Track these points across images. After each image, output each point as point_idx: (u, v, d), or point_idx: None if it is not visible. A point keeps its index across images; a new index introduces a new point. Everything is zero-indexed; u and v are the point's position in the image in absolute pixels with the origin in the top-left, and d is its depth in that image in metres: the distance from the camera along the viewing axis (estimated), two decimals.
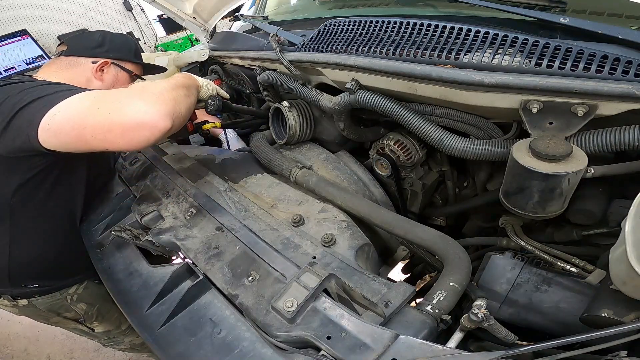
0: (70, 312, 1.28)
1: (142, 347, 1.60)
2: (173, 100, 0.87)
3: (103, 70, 1.17)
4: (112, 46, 1.19)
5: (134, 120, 0.79)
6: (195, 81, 1.09)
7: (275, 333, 0.65)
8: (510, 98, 0.71)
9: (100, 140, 0.80)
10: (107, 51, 1.18)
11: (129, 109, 0.80)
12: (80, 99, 0.83)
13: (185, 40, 5.10)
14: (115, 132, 0.79)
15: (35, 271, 1.14)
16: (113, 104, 0.81)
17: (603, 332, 0.50)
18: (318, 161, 1.14)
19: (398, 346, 0.55)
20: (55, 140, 0.83)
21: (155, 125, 0.80)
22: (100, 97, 0.83)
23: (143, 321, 0.81)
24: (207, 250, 0.85)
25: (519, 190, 0.68)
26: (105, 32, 1.21)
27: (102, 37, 1.19)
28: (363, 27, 0.97)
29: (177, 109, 0.87)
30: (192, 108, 1.01)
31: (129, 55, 1.24)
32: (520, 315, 0.80)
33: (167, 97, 0.86)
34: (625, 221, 0.49)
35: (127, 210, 1.11)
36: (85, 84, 1.12)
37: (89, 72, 1.15)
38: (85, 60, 1.15)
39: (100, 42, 1.17)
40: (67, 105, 0.82)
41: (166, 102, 0.84)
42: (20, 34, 3.99)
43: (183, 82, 1.00)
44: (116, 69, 1.21)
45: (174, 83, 0.95)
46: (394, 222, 0.86)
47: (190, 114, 0.99)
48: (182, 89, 0.96)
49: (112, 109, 0.80)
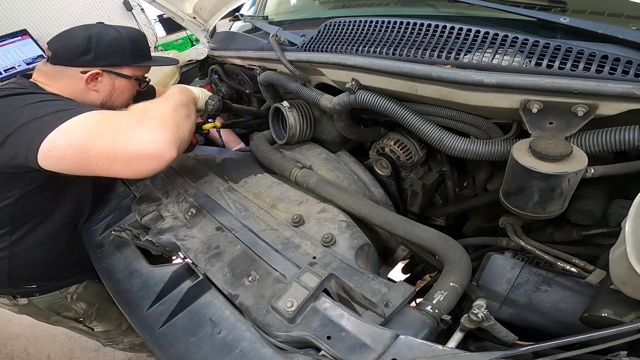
0: (70, 311, 1.28)
1: (142, 347, 1.60)
2: (176, 125, 0.85)
3: (97, 79, 1.02)
4: (99, 52, 0.99)
5: (139, 151, 0.77)
6: (191, 94, 1.06)
7: (275, 333, 0.65)
8: (510, 98, 0.71)
9: (106, 169, 0.79)
10: (95, 59, 0.99)
11: (134, 138, 0.77)
12: (80, 124, 0.79)
13: (185, 40, 5.10)
14: (121, 162, 0.77)
15: (34, 273, 1.14)
16: (116, 132, 0.78)
17: (603, 332, 0.50)
18: (318, 161, 1.14)
19: (398, 346, 0.55)
20: (57, 166, 0.80)
21: (161, 155, 0.79)
22: (101, 122, 0.80)
23: (143, 321, 0.81)
24: (207, 250, 0.86)
25: (519, 190, 0.68)
26: (91, 32, 0.99)
27: (87, 40, 0.98)
28: (363, 27, 0.97)
29: (180, 135, 0.85)
30: (193, 128, 0.98)
31: (123, 59, 1.04)
32: (520, 315, 0.80)
33: (170, 123, 0.84)
34: (625, 221, 0.49)
35: (127, 210, 1.12)
36: (81, 95, 1.02)
37: (81, 83, 1.00)
38: (74, 70, 0.99)
39: (85, 47, 0.97)
40: (67, 130, 0.78)
41: (170, 128, 0.82)
42: (20, 34, 3.99)
43: (182, 100, 0.97)
44: (110, 77, 1.04)
45: (174, 103, 0.93)
46: (394, 222, 0.86)
47: (192, 134, 0.96)
48: (183, 109, 0.94)
49: (115, 136, 0.77)
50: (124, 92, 1.09)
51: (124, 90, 1.09)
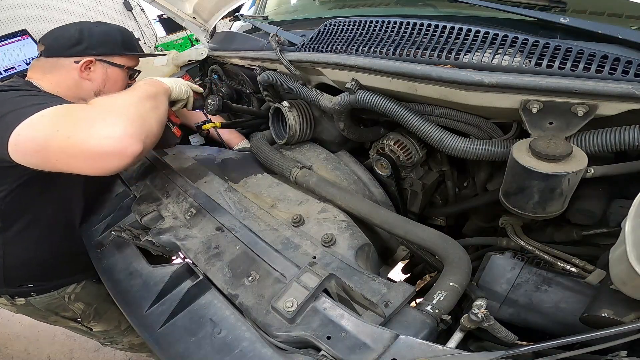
0: (68, 311, 1.28)
1: (142, 347, 1.60)
2: (140, 117, 0.79)
3: (90, 68, 1.05)
4: (91, 42, 1.05)
5: (97, 148, 0.71)
6: (161, 86, 1.01)
7: (275, 333, 0.65)
8: (510, 98, 0.71)
9: (66, 165, 0.74)
10: (87, 48, 1.04)
11: (92, 133, 0.72)
12: (42, 117, 0.75)
13: (185, 40, 5.10)
14: (79, 159, 0.73)
15: (29, 272, 1.14)
16: (73, 127, 0.73)
17: (603, 332, 0.50)
18: (318, 161, 1.14)
19: (398, 346, 0.55)
20: (24, 161, 0.77)
21: (122, 151, 0.73)
22: (59, 117, 0.76)
23: (143, 321, 0.81)
24: (207, 250, 0.85)
25: (519, 190, 0.68)
26: (82, 26, 1.06)
27: (79, 32, 1.04)
28: (363, 27, 0.97)
29: (146, 127, 0.80)
30: (163, 120, 0.93)
31: (114, 49, 1.09)
32: (520, 315, 0.80)
33: (133, 116, 0.78)
34: (625, 221, 0.49)
35: (127, 210, 1.11)
36: (75, 88, 1.05)
37: (75, 74, 1.04)
38: (67, 60, 1.03)
39: (78, 38, 1.03)
40: (29, 124, 0.74)
41: (133, 121, 0.76)
42: (20, 34, 3.99)
43: (149, 92, 0.92)
44: (103, 66, 1.08)
45: (139, 95, 0.87)
46: (394, 222, 0.86)
47: (162, 126, 0.91)
48: (149, 101, 0.88)
49: (71, 132, 0.72)
50: (117, 81, 1.12)
51: (117, 80, 1.12)
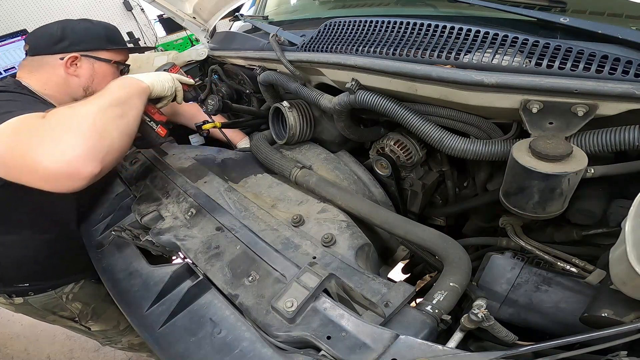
0: (66, 310, 1.28)
1: (141, 347, 1.60)
2: (98, 133, 0.74)
3: (76, 64, 1.06)
4: (74, 38, 1.06)
5: (49, 169, 0.68)
6: (136, 87, 0.93)
7: (275, 333, 0.65)
8: (510, 98, 0.71)
9: (27, 181, 0.72)
10: (71, 44, 1.05)
11: (43, 152, 0.68)
12: (4, 129, 0.72)
13: (185, 40, 5.10)
14: (35, 177, 0.70)
15: (25, 272, 1.14)
16: (27, 145, 0.69)
17: (603, 332, 0.50)
18: (318, 161, 1.14)
19: (398, 346, 0.55)
20: None
21: (75, 174, 0.70)
22: (16, 131, 0.72)
23: (143, 321, 0.81)
24: (207, 250, 0.85)
25: (519, 190, 0.68)
26: (64, 23, 1.07)
27: (61, 29, 1.05)
28: (363, 27, 0.97)
29: (105, 143, 0.75)
30: (131, 129, 0.86)
31: (98, 44, 1.10)
32: (520, 315, 0.80)
33: (89, 132, 0.72)
34: (625, 221, 0.49)
35: (127, 210, 1.11)
36: (63, 85, 1.05)
37: (61, 70, 1.04)
38: (52, 58, 1.04)
39: (60, 35, 1.04)
40: None
41: (87, 139, 0.71)
42: (20, 34, 3.98)
43: (116, 98, 0.84)
44: (89, 61, 1.08)
45: (102, 104, 0.80)
46: (394, 222, 0.86)
47: (131, 136, 0.86)
48: (115, 109, 0.81)
49: (25, 150, 0.69)
50: (105, 76, 1.12)
51: (106, 75, 1.13)
